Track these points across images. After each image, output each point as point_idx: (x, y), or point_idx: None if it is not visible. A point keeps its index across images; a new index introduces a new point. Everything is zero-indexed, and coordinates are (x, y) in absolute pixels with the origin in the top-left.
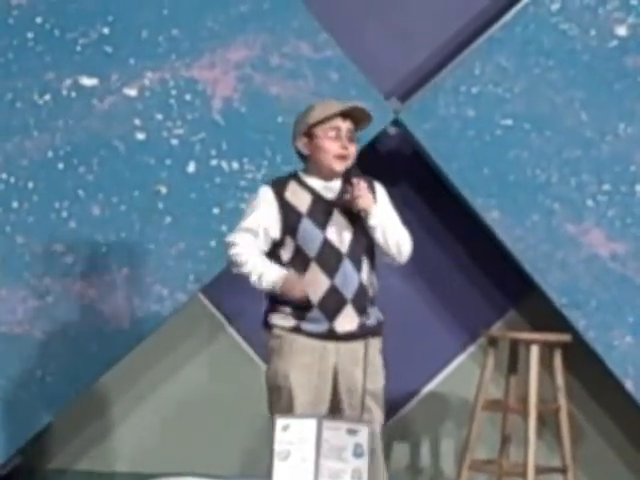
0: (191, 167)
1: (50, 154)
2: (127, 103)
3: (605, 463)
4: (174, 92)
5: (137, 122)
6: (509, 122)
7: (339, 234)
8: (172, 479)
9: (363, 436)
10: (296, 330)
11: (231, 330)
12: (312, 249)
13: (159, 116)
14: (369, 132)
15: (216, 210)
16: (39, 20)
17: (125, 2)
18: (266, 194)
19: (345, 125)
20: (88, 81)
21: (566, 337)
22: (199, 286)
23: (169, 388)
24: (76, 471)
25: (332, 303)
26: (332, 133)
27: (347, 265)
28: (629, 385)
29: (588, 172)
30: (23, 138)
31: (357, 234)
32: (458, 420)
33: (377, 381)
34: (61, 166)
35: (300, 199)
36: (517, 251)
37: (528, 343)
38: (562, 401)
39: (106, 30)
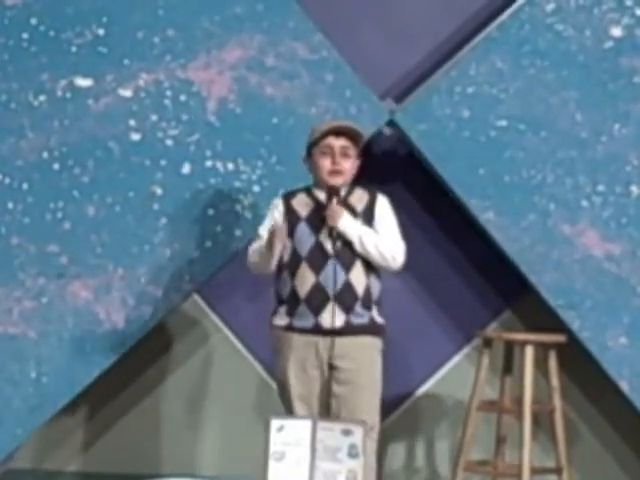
0: (186, 168)
1: (45, 155)
2: (122, 104)
3: (600, 464)
4: (169, 93)
5: (132, 123)
6: (504, 123)
7: (331, 239)
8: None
9: (358, 437)
10: (289, 328)
11: (226, 331)
12: (304, 250)
13: (154, 117)
14: (364, 133)
15: (211, 211)
16: (34, 21)
17: (120, 3)
18: (276, 202)
19: (338, 142)
20: (83, 82)
21: (561, 338)
22: (194, 287)
23: (163, 389)
24: (70, 472)
25: (317, 299)
26: (324, 151)
27: (333, 265)
28: (624, 386)
29: (583, 173)
30: (18, 139)
31: (334, 239)
32: (453, 421)
33: (373, 388)
34: (56, 167)
35: (303, 206)
36: (512, 252)
37: (523, 344)
38: (557, 402)
39: (101, 31)
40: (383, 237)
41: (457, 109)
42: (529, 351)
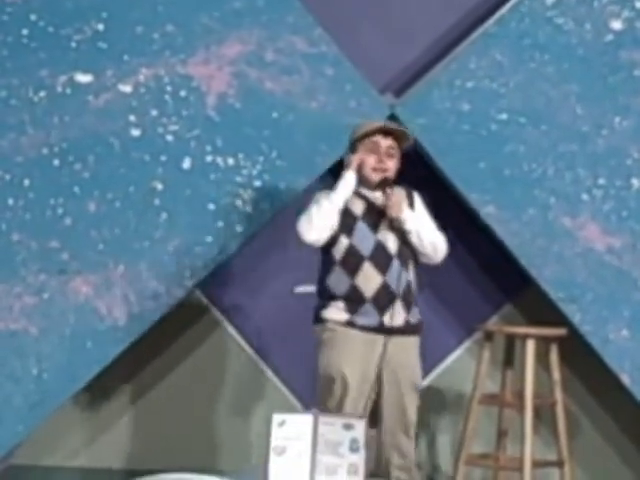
0: (186, 163)
1: (45, 151)
2: (122, 99)
3: (601, 457)
4: (169, 88)
5: (132, 118)
6: (504, 116)
7: (390, 238)
8: (168, 476)
9: (359, 431)
10: (349, 324)
11: (227, 325)
12: (366, 249)
13: (154, 112)
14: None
15: (212, 206)
16: (33, 17)
17: None
18: (325, 193)
19: (385, 142)
20: (83, 78)
21: (562, 331)
22: (195, 282)
23: (165, 384)
24: (71, 468)
25: (383, 299)
26: (370, 148)
27: (397, 264)
28: (625, 379)
29: (584, 166)
30: (18, 135)
31: (404, 238)
32: (455, 414)
33: (417, 385)
34: (56, 163)
35: (354, 204)
36: (513, 245)
37: (524, 337)
38: (558, 395)
39: (100, 26)
40: (430, 230)
41: (457, 103)
42: (530, 344)
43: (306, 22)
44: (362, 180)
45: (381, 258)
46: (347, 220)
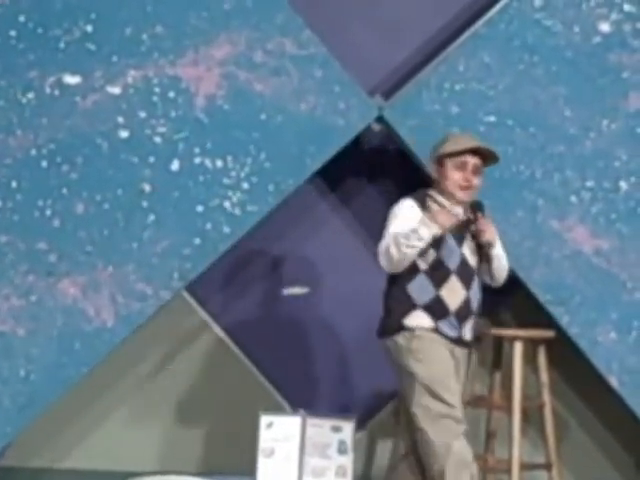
0: (175, 165)
1: (33, 152)
2: (110, 101)
3: (589, 459)
4: (157, 90)
5: (120, 120)
6: (493, 118)
7: (470, 253)
8: (156, 477)
9: (347, 433)
10: (435, 330)
11: (215, 327)
12: (453, 263)
13: (142, 114)
14: (353, 129)
15: (200, 208)
16: (22, 18)
17: (108, 0)
18: (409, 203)
19: (473, 160)
20: (71, 79)
21: (550, 333)
22: (183, 284)
23: (153, 386)
24: (60, 470)
25: (464, 312)
26: (459, 165)
27: (476, 280)
28: (613, 381)
29: (572, 168)
30: (6, 136)
31: (483, 255)
32: None
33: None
34: (45, 164)
35: None
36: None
37: (512, 339)
38: (546, 397)
39: (89, 28)
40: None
41: (446, 105)
42: (518, 347)
43: (295, 24)
44: (444, 194)
45: (466, 273)
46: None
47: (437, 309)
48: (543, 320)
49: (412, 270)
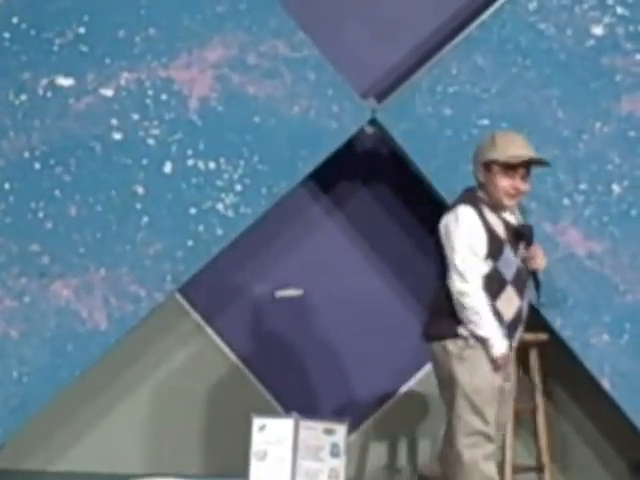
0: (168, 167)
1: (26, 154)
2: (103, 103)
3: (582, 462)
4: (150, 92)
5: (114, 122)
6: (486, 121)
7: (522, 262)
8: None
9: (340, 436)
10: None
11: (208, 330)
12: (509, 273)
13: (135, 116)
14: (346, 131)
15: (193, 210)
16: (15, 20)
17: (101, 2)
18: (471, 217)
19: (522, 168)
20: (64, 81)
21: (543, 336)
22: (176, 286)
23: (146, 388)
24: (52, 472)
25: (516, 322)
26: (507, 173)
27: (528, 290)
28: (605, 383)
29: (565, 171)
30: None
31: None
32: (436, 419)
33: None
34: (37, 166)
35: (496, 224)
36: None
37: None
38: (539, 400)
39: (82, 30)
40: None
41: (439, 108)
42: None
43: (288, 26)
44: (491, 198)
45: (520, 283)
46: (494, 243)
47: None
48: (536, 323)
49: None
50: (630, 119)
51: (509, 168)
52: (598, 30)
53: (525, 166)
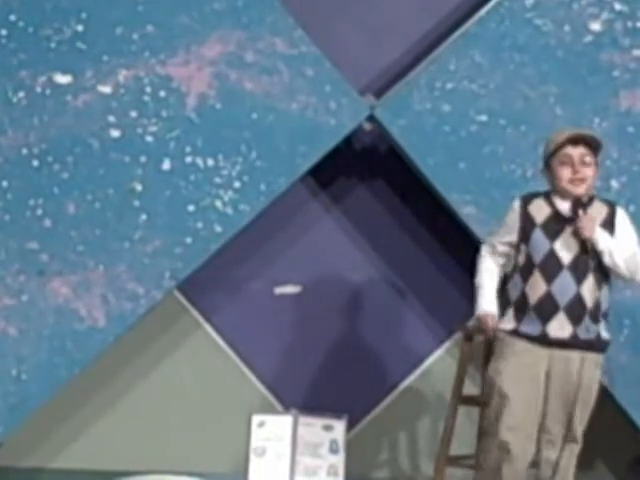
0: (166, 164)
1: (24, 152)
2: (101, 100)
3: (580, 458)
4: (148, 89)
5: (112, 119)
6: (484, 118)
7: (566, 248)
8: (149, 477)
9: (339, 432)
10: (515, 333)
11: (207, 327)
12: (538, 257)
13: (133, 113)
14: (344, 128)
15: (191, 207)
16: (13, 17)
17: None
18: (514, 204)
19: (577, 151)
20: (62, 78)
21: None
22: (175, 283)
23: (145, 385)
24: (51, 469)
25: (546, 308)
26: (563, 160)
27: (566, 276)
28: (604, 380)
29: None
30: None
31: (588, 252)
32: (435, 415)
33: (588, 403)
34: (36, 164)
35: (540, 212)
36: None
37: None
38: None
39: (80, 27)
40: (628, 250)
41: (437, 104)
42: None
43: (286, 23)
44: (559, 192)
45: (550, 267)
46: (527, 228)
47: (521, 305)
48: None
49: (512, 267)
50: (628, 115)
51: (563, 156)
52: (596, 26)
53: (586, 152)
